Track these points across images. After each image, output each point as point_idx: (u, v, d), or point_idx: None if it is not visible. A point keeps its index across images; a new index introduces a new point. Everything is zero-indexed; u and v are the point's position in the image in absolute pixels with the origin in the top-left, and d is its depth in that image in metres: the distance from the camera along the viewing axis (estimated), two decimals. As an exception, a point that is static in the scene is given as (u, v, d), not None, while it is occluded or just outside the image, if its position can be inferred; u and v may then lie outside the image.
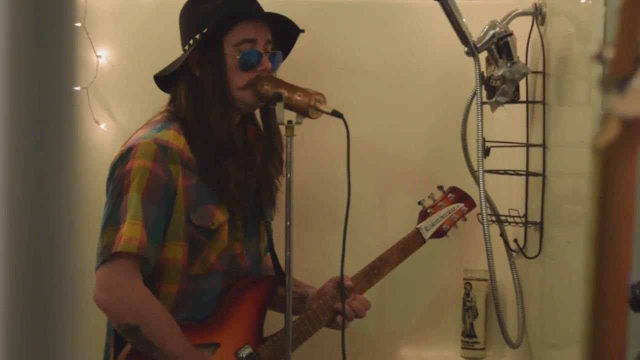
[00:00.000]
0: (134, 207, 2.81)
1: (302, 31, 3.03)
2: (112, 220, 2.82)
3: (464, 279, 3.39)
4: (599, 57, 1.04)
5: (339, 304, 3.01)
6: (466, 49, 3.04)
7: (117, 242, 2.78)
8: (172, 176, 2.86)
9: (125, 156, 2.88)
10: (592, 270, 1.02)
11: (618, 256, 1.01)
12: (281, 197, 3.01)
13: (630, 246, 1.01)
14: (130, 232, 2.78)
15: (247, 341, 2.97)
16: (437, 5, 2.97)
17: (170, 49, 3.04)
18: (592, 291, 1.03)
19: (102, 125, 3.40)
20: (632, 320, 1.06)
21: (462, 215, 3.24)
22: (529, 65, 3.10)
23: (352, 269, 3.09)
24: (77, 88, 3.62)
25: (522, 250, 3.15)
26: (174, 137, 2.90)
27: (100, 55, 3.40)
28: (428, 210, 3.19)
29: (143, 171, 2.84)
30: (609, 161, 0.99)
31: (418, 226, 3.18)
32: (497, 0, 3.30)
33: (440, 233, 3.20)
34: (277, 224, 3.11)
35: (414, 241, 3.16)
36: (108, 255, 2.78)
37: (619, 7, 1.04)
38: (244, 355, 2.95)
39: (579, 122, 2.76)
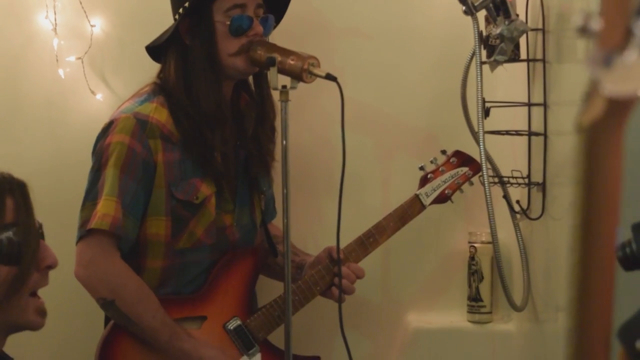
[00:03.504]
0: (111, 183, 2.82)
1: (294, -7, 2.98)
2: (91, 195, 2.85)
3: (469, 242, 3.34)
4: (584, 29, 0.98)
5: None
6: (464, 7, 2.97)
7: (92, 219, 2.80)
8: (152, 151, 2.85)
9: (105, 130, 2.90)
10: (578, 251, 0.98)
11: (604, 237, 0.97)
12: (277, 165, 2.98)
13: (616, 227, 0.96)
14: (105, 208, 2.80)
15: (236, 313, 2.96)
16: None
17: (166, 15, 2.99)
18: (578, 270, 0.99)
19: (99, 96, 3.35)
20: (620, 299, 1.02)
21: (467, 180, 3.17)
22: (529, 23, 3.03)
23: (353, 234, 3.06)
24: (72, 58, 3.56)
25: (525, 212, 3.10)
26: (155, 111, 2.88)
27: (95, 25, 3.35)
28: (429, 176, 3.14)
29: (121, 146, 2.84)
30: (594, 140, 0.94)
31: (417, 192, 3.12)
32: (495, -44, 3.22)
33: (442, 198, 3.14)
34: (275, 192, 3.09)
35: (412, 208, 3.11)
36: (84, 232, 2.82)
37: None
38: (232, 328, 2.94)
39: (579, 79, 2.69)
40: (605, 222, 0.96)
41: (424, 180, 3.14)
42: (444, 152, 3.17)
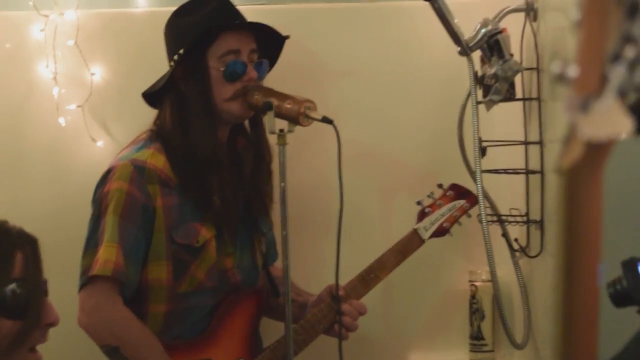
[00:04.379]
0: (111, 230, 2.84)
1: (287, 37, 3.01)
2: (91, 243, 2.87)
3: (469, 281, 3.35)
4: (561, 76, 1.01)
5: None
6: (459, 48, 3.01)
7: (94, 266, 2.82)
8: (150, 197, 2.87)
9: (104, 178, 2.92)
10: (561, 290, 1.00)
11: (586, 276, 0.99)
12: (276, 207, 3.00)
13: (598, 265, 0.98)
14: (106, 255, 2.82)
15: (241, 354, 2.97)
16: (429, 6, 2.95)
17: (164, 62, 3.02)
18: (562, 308, 1.00)
19: (99, 143, 3.38)
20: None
21: (465, 212, 3.18)
22: (523, 62, 3.07)
23: (354, 273, 3.07)
24: (73, 106, 3.59)
25: (523, 250, 3.12)
26: (152, 157, 2.91)
27: (94, 73, 3.38)
28: (426, 210, 3.15)
29: (120, 193, 2.86)
30: (574, 183, 0.96)
31: (415, 227, 3.13)
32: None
33: (441, 232, 3.15)
34: (275, 234, 3.11)
35: (411, 242, 3.11)
36: (86, 279, 2.83)
37: (581, 19, 1.00)
38: None
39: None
40: (587, 260, 0.98)
41: (422, 215, 3.15)
42: (440, 185, 3.18)
